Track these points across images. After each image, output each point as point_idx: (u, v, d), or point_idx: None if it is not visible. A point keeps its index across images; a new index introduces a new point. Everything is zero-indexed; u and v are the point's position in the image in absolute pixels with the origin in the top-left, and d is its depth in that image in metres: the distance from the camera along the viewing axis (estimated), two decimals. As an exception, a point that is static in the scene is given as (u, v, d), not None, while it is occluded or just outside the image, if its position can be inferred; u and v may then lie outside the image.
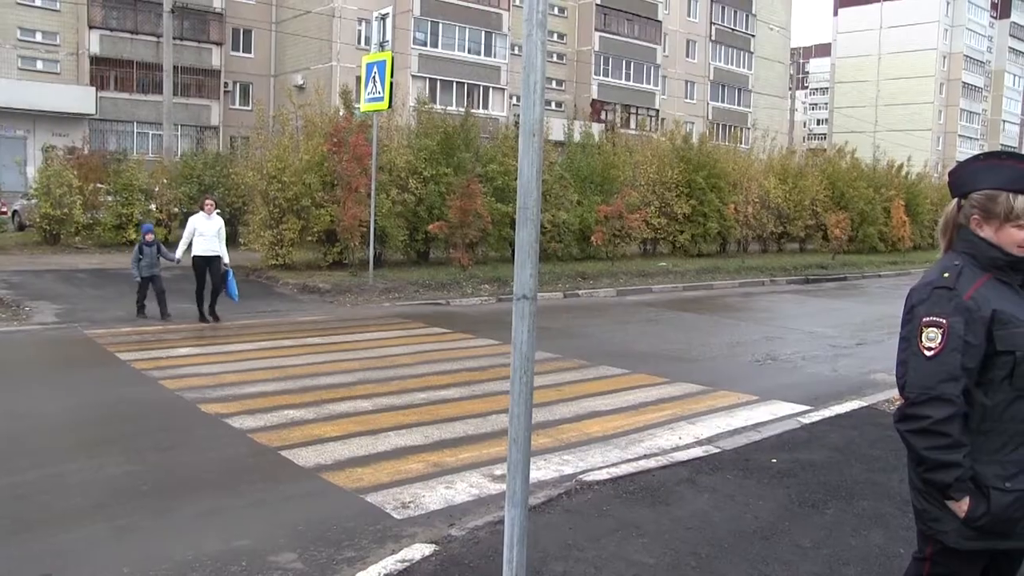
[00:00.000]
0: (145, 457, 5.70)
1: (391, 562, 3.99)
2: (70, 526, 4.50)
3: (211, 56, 37.37)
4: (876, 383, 8.96)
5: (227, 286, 11.57)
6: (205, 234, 11.52)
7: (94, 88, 33.39)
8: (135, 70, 35.05)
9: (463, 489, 5.24)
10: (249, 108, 34.24)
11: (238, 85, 38.94)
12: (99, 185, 19.43)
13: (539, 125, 2.82)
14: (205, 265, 11.53)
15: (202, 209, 11.79)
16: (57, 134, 29.14)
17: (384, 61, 14.92)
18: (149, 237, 11.56)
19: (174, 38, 28.20)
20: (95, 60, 34.26)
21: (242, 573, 4.00)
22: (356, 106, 17.74)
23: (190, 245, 11.65)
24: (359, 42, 36.33)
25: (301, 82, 34.71)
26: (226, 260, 11.75)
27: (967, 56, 77.86)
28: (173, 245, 20.41)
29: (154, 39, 33.51)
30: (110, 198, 19.41)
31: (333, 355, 9.45)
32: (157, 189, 20.00)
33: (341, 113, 18.25)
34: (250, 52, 39.41)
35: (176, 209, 20.35)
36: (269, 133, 18.40)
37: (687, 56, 53.55)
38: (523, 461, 2.92)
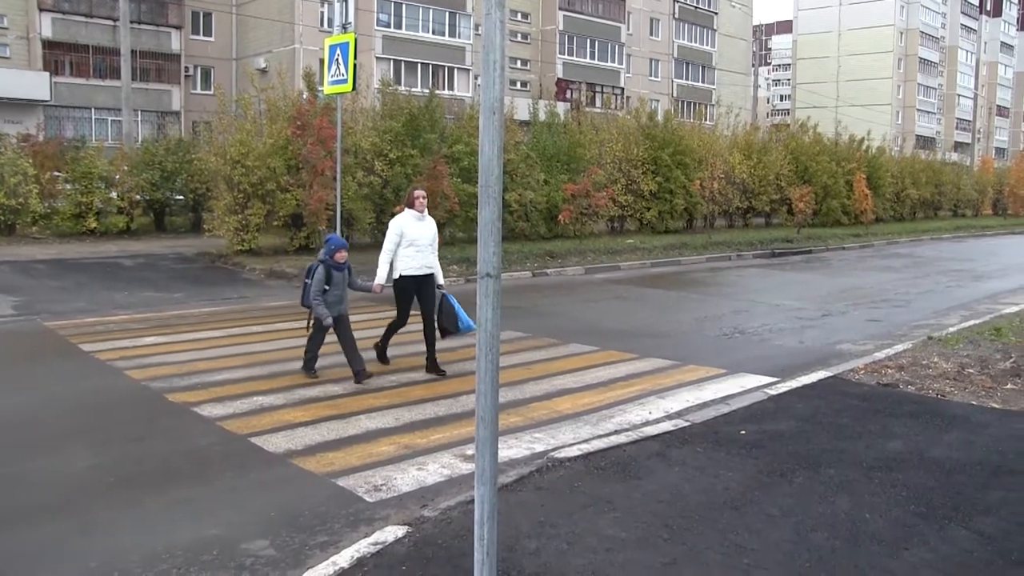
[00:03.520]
0: (111, 449, 5.63)
1: (364, 545, 3.99)
2: (35, 523, 4.43)
3: (170, 40, 36.62)
4: (841, 353, 9.11)
5: (458, 316, 7.79)
6: (417, 243, 7.74)
7: (48, 73, 32.56)
8: (91, 54, 34.23)
9: (435, 470, 5.24)
10: (211, 93, 33.61)
11: (199, 69, 38.22)
12: (56, 173, 19.01)
13: (499, 103, 2.81)
14: (415, 289, 7.86)
15: (410, 207, 7.86)
16: (9, 121, 28.41)
17: (347, 43, 14.70)
18: (342, 256, 7.49)
19: (131, 21, 27.59)
20: (47, 44, 33.35)
21: (213, 562, 3.97)
22: (320, 89, 17.51)
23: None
24: (322, 24, 35.87)
25: (263, 65, 34.16)
26: (441, 280, 8.07)
27: (923, 32, 79.15)
28: (136, 233, 20.38)
29: (110, 23, 32.78)
30: (68, 186, 19.02)
31: (302, 340, 9.30)
32: (118, 177, 19.63)
33: (305, 96, 18.05)
34: (210, 35, 38.68)
35: (138, 197, 20.02)
36: (232, 117, 18.11)
37: (651, 34, 53.57)
38: (491, 439, 2.93)
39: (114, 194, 19.56)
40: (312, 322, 7.50)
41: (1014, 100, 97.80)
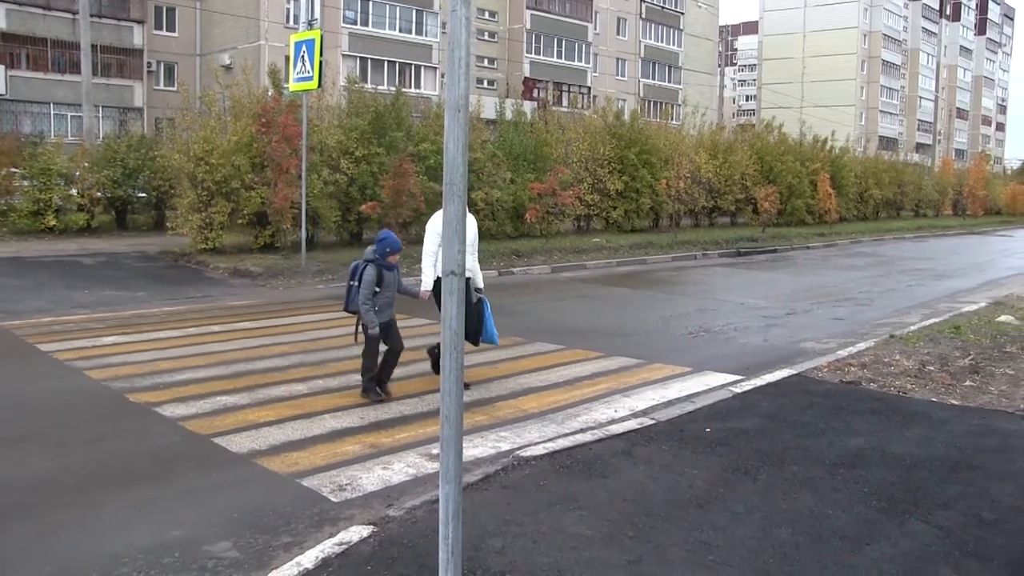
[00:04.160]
0: (71, 451, 5.52)
1: (328, 545, 3.95)
2: (-9, 524, 4.32)
3: (132, 34, 35.98)
4: (805, 351, 9.22)
5: (485, 324, 7.35)
6: None
7: (3, 67, 31.83)
8: (49, 48, 33.49)
9: (400, 469, 5.21)
10: (174, 89, 33.11)
11: (162, 65, 37.62)
12: (13, 170, 18.59)
13: (464, 101, 2.80)
14: None
15: None
16: (-37, 116, 27.75)
17: (313, 40, 14.59)
18: (395, 259, 6.86)
19: (92, 15, 27.07)
20: (3, 36, 32.54)
21: (175, 564, 3.91)
22: (285, 86, 17.37)
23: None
24: (287, 20, 35.51)
25: (228, 62, 33.73)
26: (480, 284, 7.57)
27: (885, 35, 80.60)
28: (97, 231, 19.97)
29: (69, 16, 32.13)
30: (26, 183, 18.60)
31: (266, 339, 9.27)
32: (78, 173, 19.23)
33: (270, 93, 17.85)
34: (174, 31, 38.08)
35: (99, 194, 19.65)
36: (196, 114, 17.85)
37: (618, 34, 53.82)
38: (455, 438, 2.91)
39: (74, 191, 19.15)
40: (360, 329, 6.69)
41: (972, 103, 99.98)
